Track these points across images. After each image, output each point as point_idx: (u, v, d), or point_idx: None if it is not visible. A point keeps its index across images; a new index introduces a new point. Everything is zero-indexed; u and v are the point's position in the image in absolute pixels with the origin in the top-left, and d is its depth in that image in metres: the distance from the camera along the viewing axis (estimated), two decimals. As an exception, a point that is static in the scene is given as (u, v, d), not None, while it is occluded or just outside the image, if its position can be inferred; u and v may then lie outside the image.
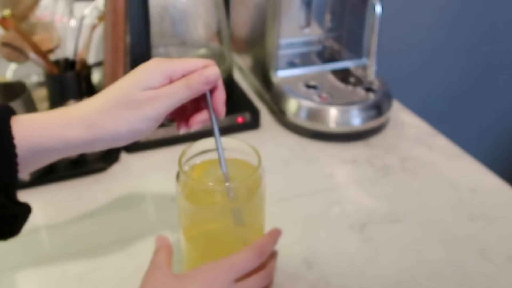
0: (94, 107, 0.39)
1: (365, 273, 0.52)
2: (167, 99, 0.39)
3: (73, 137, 0.38)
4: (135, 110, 0.39)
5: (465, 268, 0.52)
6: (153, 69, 0.40)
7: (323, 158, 0.70)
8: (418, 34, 1.36)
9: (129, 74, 0.40)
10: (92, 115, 0.38)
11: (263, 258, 0.44)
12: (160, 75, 0.39)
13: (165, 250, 0.45)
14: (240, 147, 0.46)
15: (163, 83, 0.40)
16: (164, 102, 0.39)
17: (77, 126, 0.38)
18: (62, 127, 0.38)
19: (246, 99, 0.80)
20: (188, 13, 0.70)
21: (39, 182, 0.63)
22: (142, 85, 0.39)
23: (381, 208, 0.61)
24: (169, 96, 0.39)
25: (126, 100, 0.38)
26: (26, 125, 0.37)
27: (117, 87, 0.40)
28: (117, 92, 0.39)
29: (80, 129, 0.38)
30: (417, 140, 0.74)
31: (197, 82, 0.40)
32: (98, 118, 0.38)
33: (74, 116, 0.38)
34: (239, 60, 0.92)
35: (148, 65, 0.40)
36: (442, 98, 1.52)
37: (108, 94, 0.39)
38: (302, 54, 0.83)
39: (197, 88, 0.40)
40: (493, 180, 0.66)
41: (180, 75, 0.40)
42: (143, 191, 0.64)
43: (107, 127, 0.38)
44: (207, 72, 0.41)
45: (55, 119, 0.38)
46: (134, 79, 0.39)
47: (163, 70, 0.40)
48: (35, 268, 0.52)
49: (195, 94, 0.41)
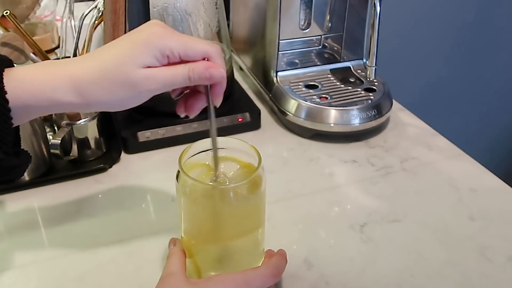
0: (87, 72, 0.38)
1: (365, 273, 0.52)
2: (163, 84, 0.38)
3: (65, 101, 0.38)
4: (130, 89, 0.38)
5: (465, 268, 0.52)
6: (150, 43, 0.38)
7: (323, 158, 0.70)
8: (419, 34, 1.36)
9: (126, 41, 0.38)
10: (84, 82, 0.37)
11: (278, 278, 0.45)
12: (158, 51, 0.38)
13: (178, 254, 0.45)
14: (240, 146, 0.46)
15: (160, 60, 0.38)
16: (161, 85, 0.38)
17: (69, 92, 0.37)
18: (54, 91, 0.37)
19: (246, 99, 0.80)
20: (188, 13, 0.70)
21: (39, 182, 0.63)
22: (138, 62, 0.37)
23: (381, 208, 0.61)
24: (166, 81, 0.38)
25: (120, 77, 0.37)
26: (17, 85, 0.37)
27: (112, 55, 0.38)
28: (112, 64, 0.38)
29: (73, 95, 0.37)
30: (417, 140, 0.74)
31: (199, 77, 0.39)
32: (90, 88, 0.37)
33: (66, 78, 0.37)
34: (239, 60, 0.92)
35: (147, 35, 0.38)
36: (442, 98, 1.52)
37: (102, 61, 0.38)
38: (302, 54, 0.83)
39: (198, 82, 0.39)
40: (493, 180, 0.66)
41: (178, 56, 0.39)
42: (143, 191, 0.64)
43: (99, 98, 0.38)
44: (214, 72, 0.39)
45: (47, 80, 0.37)
46: (130, 53, 0.38)
47: (161, 47, 0.38)
48: (35, 268, 0.52)
49: (194, 85, 0.40)
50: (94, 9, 0.69)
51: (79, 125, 0.64)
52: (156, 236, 0.56)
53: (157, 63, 0.38)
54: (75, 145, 0.65)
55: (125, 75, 0.37)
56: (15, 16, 0.64)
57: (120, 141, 0.70)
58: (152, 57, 0.38)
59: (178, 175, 0.44)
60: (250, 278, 0.42)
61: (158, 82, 0.38)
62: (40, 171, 0.64)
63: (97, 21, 0.72)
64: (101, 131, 0.67)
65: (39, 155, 0.63)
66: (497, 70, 1.52)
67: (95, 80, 0.37)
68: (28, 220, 0.59)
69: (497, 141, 1.67)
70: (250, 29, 0.86)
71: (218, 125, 0.71)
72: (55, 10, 0.87)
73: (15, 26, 0.64)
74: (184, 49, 0.39)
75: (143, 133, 0.70)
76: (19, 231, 0.57)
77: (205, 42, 0.40)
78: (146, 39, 0.38)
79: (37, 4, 0.74)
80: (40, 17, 0.84)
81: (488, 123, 1.62)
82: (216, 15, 0.74)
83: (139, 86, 0.38)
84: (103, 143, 0.68)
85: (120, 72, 0.37)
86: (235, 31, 0.93)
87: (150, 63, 0.38)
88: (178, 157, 0.44)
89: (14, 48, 0.64)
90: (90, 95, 0.38)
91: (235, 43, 0.92)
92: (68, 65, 0.39)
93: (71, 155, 0.65)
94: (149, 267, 0.52)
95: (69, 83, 0.37)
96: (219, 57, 0.40)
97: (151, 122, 0.70)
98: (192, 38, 0.40)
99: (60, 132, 0.62)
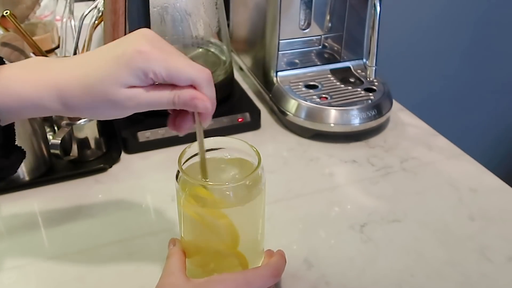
0: (71, 83, 0.37)
1: (365, 273, 0.52)
2: (147, 105, 0.38)
3: (51, 108, 0.38)
4: (112, 107, 0.37)
5: (465, 268, 0.52)
6: (134, 64, 0.36)
7: (323, 158, 0.70)
8: (419, 34, 1.36)
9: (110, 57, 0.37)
10: (68, 94, 0.37)
11: (278, 278, 0.45)
12: (141, 72, 0.36)
13: (178, 254, 0.45)
14: (240, 146, 0.46)
15: (144, 80, 0.37)
16: (144, 106, 0.38)
17: (54, 100, 0.37)
18: (40, 98, 0.37)
19: (246, 99, 0.80)
20: (188, 13, 0.70)
21: (39, 182, 0.63)
22: (121, 82, 0.36)
23: (381, 208, 0.61)
24: (149, 102, 0.38)
25: (102, 95, 0.37)
26: (2, 91, 0.37)
27: (95, 71, 0.37)
28: (94, 82, 0.37)
29: (58, 104, 0.37)
30: (417, 140, 0.74)
31: (184, 104, 0.38)
32: (73, 100, 0.37)
33: (51, 87, 0.37)
34: (239, 60, 0.92)
35: (131, 55, 0.36)
36: (442, 98, 1.52)
37: (85, 76, 0.37)
38: (302, 54, 0.83)
39: (182, 107, 0.39)
40: (493, 180, 0.66)
41: (162, 79, 0.37)
42: (143, 191, 0.64)
43: (83, 110, 0.38)
44: (199, 104, 0.38)
45: (33, 87, 0.37)
46: (113, 72, 0.36)
47: (144, 69, 0.36)
48: (35, 268, 0.52)
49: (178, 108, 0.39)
50: (94, 9, 0.69)
51: (79, 125, 0.64)
52: (156, 236, 0.56)
53: (141, 83, 0.37)
54: (75, 145, 0.65)
55: (107, 94, 0.37)
56: (15, 16, 0.64)
57: (120, 141, 0.70)
58: (135, 78, 0.37)
59: (178, 175, 0.44)
60: (250, 278, 0.42)
61: (141, 104, 0.38)
62: (40, 171, 0.64)
63: (97, 21, 0.72)
64: (101, 131, 0.67)
65: (39, 155, 0.63)
66: (497, 70, 1.52)
67: (77, 94, 0.37)
68: (28, 220, 0.59)
69: (497, 141, 1.67)
70: (250, 29, 0.86)
71: (218, 125, 0.72)
72: (55, 10, 0.87)
73: (15, 26, 0.64)
74: (169, 74, 0.37)
75: (143, 133, 0.70)
76: (19, 231, 0.57)
77: (194, 67, 0.38)
78: (129, 59, 0.36)
79: (37, 4, 0.74)
80: (40, 17, 0.84)
81: (488, 123, 1.62)
82: (216, 15, 0.74)
83: (121, 105, 0.37)
84: (103, 143, 0.68)
85: (102, 90, 0.37)
86: (235, 31, 0.93)
87: (133, 83, 0.37)
88: (178, 157, 0.44)
89: (14, 48, 0.64)
90: (74, 107, 0.38)
91: (235, 43, 0.92)
92: (54, 70, 0.38)
93: (71, 155, 0.65)
94: (149, 267, 0.52)
95: (54, 91, 0.37)
96: (208, 85, 0.39)
97: (151, 122, 0.70)
98: (181, 60, 0.38)
99: (60, 132, 0.62)
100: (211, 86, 0.39)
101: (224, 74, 0.75)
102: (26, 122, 0.60)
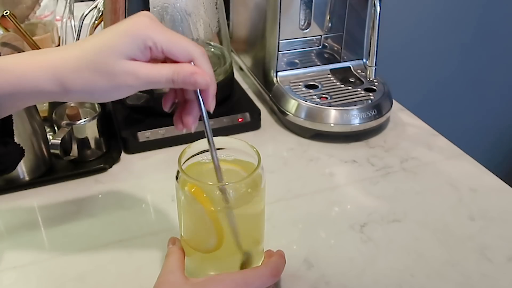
0: (68, 60, 0.37)
1: (365, 273, 0.52)
2: (145, 82, 0.37)
3: (46, 90, 0.37)
4: (109, 79, 0.37)
5: (465, 268, 0.52)
6: (133, 32, 0.36)
7: (323, 158, 0.70)
8: (419, 34, 1.36)
9: (110, 30, 0.37)
10: (65, 71, 0.37)
11: (277, 278, 0.44)
12: (140, 41, 0.36)
13: (177, 254, 0.45)
14: (240, 146, 0.46)
15: (142, 51, 0.37)
16: (142, 82, 0.37)
17: (50, 81, 0.37)
18: (36, 78, 0.37)
19: (246, 99, 0.80)
20: (188, 13, 0.70)
21: (39, 182, 0.63)
22: (119, 51, 0.36)
23: (381, 208, 0.61)
24: (148, 78, 0.37)
25: (99, 66, 0.36)
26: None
27: (93, 43, 0.37)
28: (92, 53, 0.36)
29: (53, 84, 0.37)
30: (417, 140, 0.74)
31: (183, 81, 0.38)
32: (70, 77, 0.37)
33: (47, 67, 0.37)
34: (239, 60, 0.92)
35: (131, 25, 0.37)
36: (442, 98, 1.52)
37: (83, 50, 0.37)
38: (302, 54, 0.83)
39: (182, 85, 0.38)
40: (493, 180, 0.66)
41: (161, 51, 0.37)
42: (143, 191, 0.64)
43: (79, 87, 0.37)
44: (199, 79, 0.38)
45: (27, 68, 0.37)
46: (111, 41, 0.36)
47: (144, 37, 0.36)
48: (35, 268, 0.52)
49: (177, 88, 0.38)
50: (94, 9, 0.69)
51: (79, 125, 0.64)
52: (156, 236, 0.56)
53: (139, 54, 0.37)
54: (75, 145, 0.65)
55: (104, 64, 0.36)
56: (15, 16, 0.64)
57: (120, 141, 0.70)
58: (135, 47, 0.36)
59: (178, 175, 0.44)
60: (250, 278, 0.42)
61: (139, 78, 0.37)
62: (40, 171, 0.64)
63: (97, 21, 0.72)
64: (101, 131, 0.67)
65: (39, 155, 0.63)
66: (497, 70, 1.52)
67: (75, 69, 0.36)
68: (28, 220, 0.59)
69: (497, 141, 1.67)
70: (250, 29, 0.86)
71: (218, 125, 0.72)
72: (55, 10, 0.87)
73: (15, 26, 0.64)
74: (168, 44, 0.37)
75: (143, 133, 0.70)
76: (19, 231, 0.57)
77: (190, 41, 0.39)
78: (129, 28, 0.37)
79: (37, 4, 0.74)
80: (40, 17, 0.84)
81: (488, 123, 1.62)
82: (216, 15, 0.74)
83: (120, 80, 0.36)
84: (103, 143, 0.68)
85: (99, 60, 0.36)
86: (235, 31, 0.93)
87: (131, 53, 0.36)
88: (178, 157, 0.44)
89: (14, 48, 0.64)
90: (70, 84, 0.37)
91: (235, 43, 0.92)
92: (51, 53, 0.38)
93: (71, 155, 0.65)
94: (149, 267, 0.52)
95: (51, 70, 0.37)
96: (205, 59, 0.39)
97: (151, 122, 0.71)
98: (178, 35, 0.38)
99: (60, 132, 0.62)
100: (208, 61, 0.39)
101: (224, 74, 0.75)
102: (26, 122, 0.60)
